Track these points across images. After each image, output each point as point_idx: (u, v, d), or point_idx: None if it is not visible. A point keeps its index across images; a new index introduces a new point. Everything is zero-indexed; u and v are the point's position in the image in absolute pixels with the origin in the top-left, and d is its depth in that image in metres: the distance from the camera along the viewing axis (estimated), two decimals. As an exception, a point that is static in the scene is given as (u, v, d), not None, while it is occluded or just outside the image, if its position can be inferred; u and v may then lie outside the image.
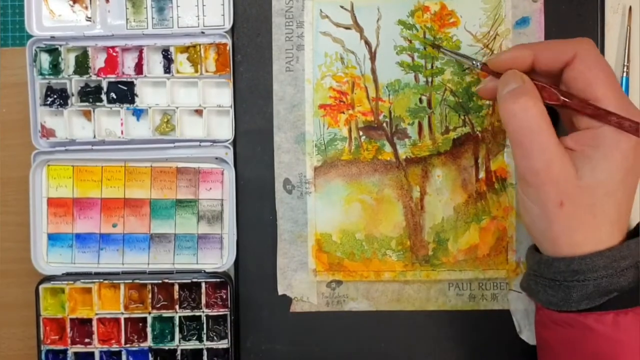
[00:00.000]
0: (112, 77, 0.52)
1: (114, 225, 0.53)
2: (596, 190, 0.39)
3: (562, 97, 0.41)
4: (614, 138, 0.39)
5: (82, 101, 0.52)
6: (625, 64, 0.52)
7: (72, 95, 0.52)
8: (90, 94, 0.52)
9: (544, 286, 0.42)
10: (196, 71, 0.52)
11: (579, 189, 0.39)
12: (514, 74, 0.42)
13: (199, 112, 0.52)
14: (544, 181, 0.40)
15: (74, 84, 0.51)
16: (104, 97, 0.52)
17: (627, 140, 0.39)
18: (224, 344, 0.52)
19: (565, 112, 0.43)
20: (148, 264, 0.53)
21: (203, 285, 0.52)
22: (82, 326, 0.52)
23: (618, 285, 0.39)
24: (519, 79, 0.42)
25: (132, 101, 0.52)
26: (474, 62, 0.47)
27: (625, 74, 0.52)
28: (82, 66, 0.52)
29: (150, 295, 0.52)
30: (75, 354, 0.52)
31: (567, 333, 0.41)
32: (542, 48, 0.43)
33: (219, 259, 0.53)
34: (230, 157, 0.52)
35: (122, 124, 0.52)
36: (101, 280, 0.52)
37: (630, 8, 0.52)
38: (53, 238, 0.53)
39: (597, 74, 0.40)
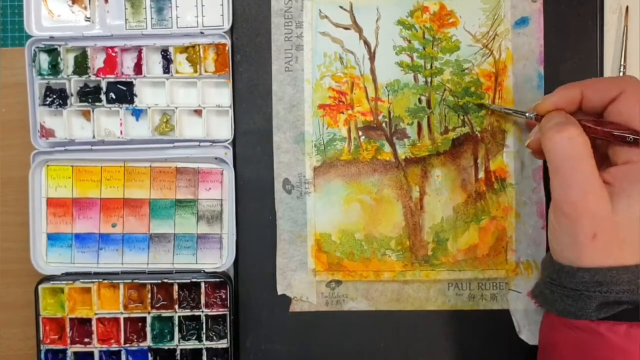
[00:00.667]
0: (111, 77, 0.52)
1: (114, 225, 0.53)
2: (630, 226, 0.40)
3: (599, 128, 0.41)
4: None
5: (81, 101, 0.52)
6: (622, 63, 0.52)
7: (71, 95, 0.52)
8: (89, 94, 0.52)
9: (561, 295, 0.42)
10: (195, 71, 0.52)
11: (613, 224, 0.39)
12: (558, 112, 0.43)
13: (198, 112, 0.52)
14: (580, 213, 0.40)
15: (73, 84, 0.52)
16: (103, 97, 0.52)
17: None
18: (223, 343, 0.52)
19: (602, 147, 0.43)
20: (147, 263, 0.53)
21: (202, 285, 0.52)
22: (82, 326, 0.52)
23: (636, 300, 0.40)
24: (563, 115, 0.42)
25: (132, 101, 0.52)
26: (528, 115, 0.47)
27: (622, 74, 0.52)
28: (81, 66, 0.52)
29: (149, 295, 0.52)
30: (75, 353, 0.52)
31: (578, 338, 0.41)
32: (589, 86, 0.43)
33: (219, 258, 0.53)
34: (229, 157, 0.52)
35: (121, 124, 0.52)
36: (100, 280, 0.52)
37: (627, 8, 0.52)
38: (52, 238, 0.53)
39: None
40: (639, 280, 0.39)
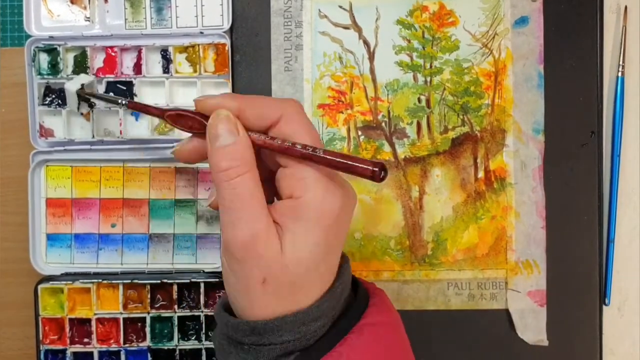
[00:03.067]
0: (110, 77, 0.52)
1: (113, 226, 0.53)
2: (297, 268, 0.35)
3: (270, 138, 0.37)
4: (316, 210, 0.36)
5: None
6: (621, 63, 0.52)
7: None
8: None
9: (236, 348, 0.37)
10: (195, 71, 0.52)
11: (282, 267, 0.35)
12: (228, 120, 0.37)
13: (197, 112, 0.52)
14: (249, 256, 0.35)
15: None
16: (102, 97, 0.52)
17: (330, 212, 0.36)
18: (223, 343, 0.52)
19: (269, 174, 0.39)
20: (147, 264, 0.53)
21: (202, 285, 0.52)
22: (81, 326, 0.52)
23: (308, 346, 0.36)
24: (234, 130, 0.37)
25: (131, 101, 0.52)
26: (120, 102, 0.44)
27: (620, 74, 0.52)
28: (80, 66, 0.52)
29: (149, 295, 0.52)
30: (74, 353, 0.52)
31: None
32: (248, 104, 0.38)
33: (218, 259, 0.53)
34: (229, 157, 0.52)
35: (120, 124, 0.52)
36: (100, 280, 0.52)
37: (625, 8, 0.52)
38: (52, 238, 0.53)
39: (301, 131, 0.37)
40: (303, 328, 0.36)
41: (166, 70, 0.52)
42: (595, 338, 0.52)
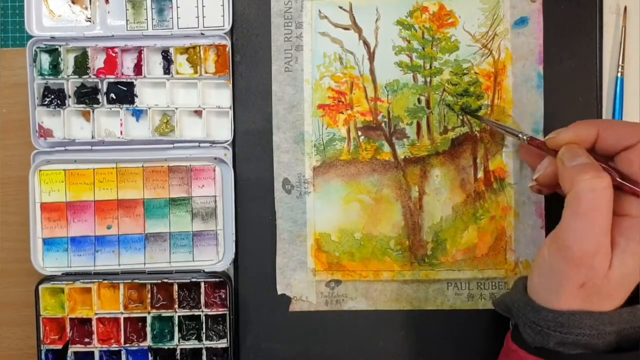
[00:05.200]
0: (111, 78, 0.52)
1: (109, 227, 0.53)
2: (618, 282, 0.39)
3: (618, 179, 0.40)
4: None
5: (79, 102, 0.52)
6: (620, 64, 0.52)
7: (69, 96, 0.52)
8: (87, 95, 0.52)
9: (524, 324, 0.42)
10: (196, 72, 0.52)
11: (604, 279, 0.39)
12: (578, 148, 0.41)
13: (198, 112, 0.52)
14: (583, 264, 0.39)
15: (71, 84, 0.52)
16: (100, 97, 0.52)
17: None
18: (223, 343, 0.52)
19: None
20: (144, 264, 0.53)
21: (202, 284, 0.52)
22: (82, 326, 0.53)
23: (595, 346, 0.40)
24: (585, 154, 0.40)
25: (132, 102, 0.52)
26: (521, 137, 0.46)
27: (620, 74, 0.52)
28: (81, 67, 0.52)
29: (149, 295, 0.52)
30: (75, 353, 0.52)
31: None
32: (607, 127, 0.41)
33: (215, 255, 0.53)
34: (229, 158, 0.52)
35: (121, 125, 0.52)
36: (100, 280, 0.52)
37: (625, 8, 0.52)
38: (48, 243, 0.53)
39: None
40: (601, 327, 0.39)
41: (167, 71, 0.52)
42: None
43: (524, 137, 0.46)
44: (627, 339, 0.40)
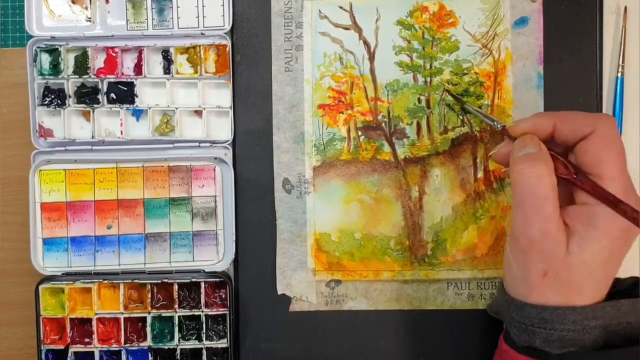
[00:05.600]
0: (111, 78, 0.52)
1: (109, 227, 0.53)
2: (579, 269, 0.40)
3: (574, 175, 0.41)
4: (608, 220, 0.39)
5: (79, 102, 0.52)
6: (621, 64, 0.52)
7: (69, 96, 0.52)
8: (87, 95, 0.52)
9: (510, 324, 0.43)
10: (196, 72, 0.52)
11: (565, 265, 0.40)
12: (532, 138, 0.42)
13: (198, 112, 0.52)
14: (535, 250, 0.40)
15: (71, 84, 0.52)
16: (101, 97, 0.52)
17: (620, 225, 0.39)
18: (223, 343, 0.52)
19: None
20: (144, 264, 0.53)
21: (202, 284, 0.52)
22: (82, 326, 0.53)
23: (581, 342, 0.40)
24: (537, 145, 0.42)
25: (132, 101, 0.52)
26: (495, 124, 0.47)
27: (620, 74, 0.52)
28: (81, 66, 0.52)
29: (149, 295, 0.52)
30: (75, 353, 0.52)
31: None
32: (563, 118, 0.42)
33: (215, 255, 0.53)
34: (229, 158, 0.52)
35: (121, 124, 0.52)
36: (101, 280, 0.52)
37: (625, 8, 0.52)
38: (48, 243, 0.53)
39: (610, 155, 0.40)
40: (585, 322, 0.39)
41: (167, 71, 0.52)
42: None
43: (498, 126, 0.47)
44: (614, 335, 0.40)
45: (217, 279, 0.52)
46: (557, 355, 0.40)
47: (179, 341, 0.52)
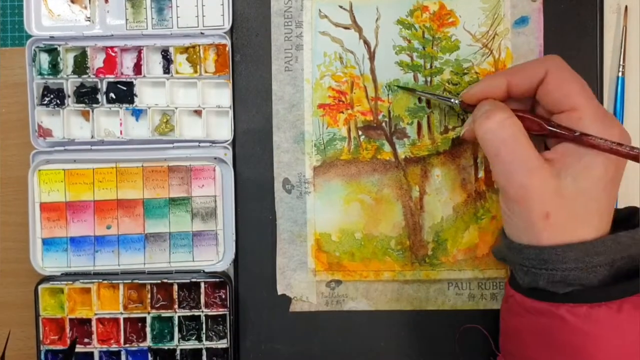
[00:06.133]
0: (111, 77, 0.52)
1: (108, 227, 0.53)
2: (578, 199, 0.39)
3: (547, 127, 0.41)
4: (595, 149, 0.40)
5: (78, 101, 0.52)
6: (621, 63, 0.52)
7: (69, 96, 0.52)
8: (86, 95, 0.52)
9: (514, 267, 0.43)
10: (195, 72, 0.52)
11: (563, 200, 0.39)
12: (486, 101, 0.43)
13: (198, 112, 0.52)
14: (529, 194, 0.40)
15: (70, 84, 0.51)
16: (100, 97, 0.52)
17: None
18: (223, 343, 0.52)
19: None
20: (144, 264, 0.53)
21: (202, 285, 0.52)
22: (82, 326, 0.52)
23: (587, 281, 0.39)
24: (491, 102, 0.42)
25: (132, 101, 0.52)
26: (453, 101, 0.47)
27: (621, 74, 0.52)
28: (80, 66, 0.52)
29: (149, 295, 0.52)
30: (75, 353, 0.52)
31: (538, 322, 0.41)
32: (513, 72, 0.43)
33: (215, 255, 0.53)
34: (229, 158, 0.52)
35: (121, 124, 0.52)
36: (100, 280, 0.52)
37: (626, 8, 0.52)
38: (48, 243, 0.53)
39: (571, 86, 0.41)
40: (586, 259, 0.39)
41: (167, 70, 0.52)
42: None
43: (456, 102, 0.47)
44: (620, 271, 0.40)
45: (217, 279, 0.52)
46: (562, 294, 0.40)
47: (178, 341, 0.52)
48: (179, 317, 0.52)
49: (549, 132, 0.42)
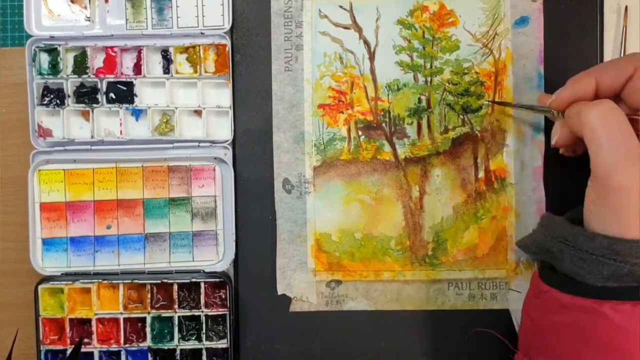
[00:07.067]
0: (110, 77, 0.52)
1: (108, 227, 0.53)
2: None
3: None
4: None
5: (78, 101, 0.52)
6: (621, 63, 0.52)
7: (69, 96, 0.52)
8: (86, 95, 0.52)
9: (572, 256, 0.41)
10: (195, 72, 0.52)
11: None
12: (578, 103, 0.42)
13: (198, 112, 0.52)
14: (631, 185, 0.38)
15: (70, 84, 0.51)
16: (100, 97, 0.52)
17: None
18: (223, 343, 0.52)
19: None
20: (144, 264, 0.53)
21: (202, 285, 0.52)
22: (82, 326, 0.52)
23: None
24: (585, 102, 0.42)
25: (132, 101, 0.52)
26: (553, 113, 0.45)
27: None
28: (80, 66, 0.52)
29: (149, 295, 0.52)
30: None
31: (578, 319, 0.40)
32: (602, 70, 0.42)
33: (215, 255, 0.53)
34: (229, 158, 0.52)
35: (121, 124, 0.52)
36: (100, 280, 0.52)
37: (626, 8, 0.52)
38: (48, 243, 0.53)
39: None
40: None
41: (167, 70, 0.52)
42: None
43: (556, 113, 0.45)
44: None
45: (217, 279, 0.52)
46: (604, 291, 0.39)
47: (178, 341, 0.52)
48: (179, 317, 0.52)
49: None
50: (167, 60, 0.52)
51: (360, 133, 0.52)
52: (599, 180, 0.40)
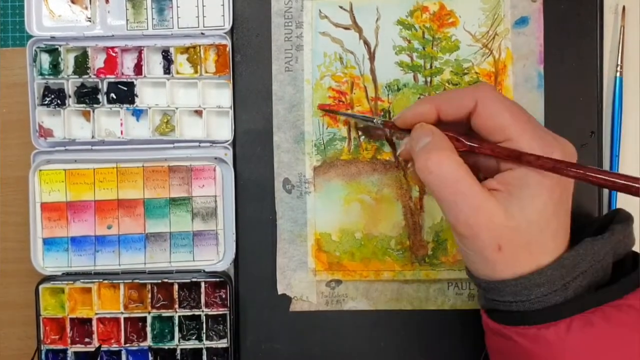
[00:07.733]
0: (111, 78, 0.52)
1: (109, 227, 0.53)
2: (529, 229, 0.38)
3: (468, 143, 0.40)
4: (538, 175, 0.38)
5: (79, 102, 0.52)
6: (619, 64, 0.52)
7: (69, 96, 0.52)
8: (87, 95, 0.52)
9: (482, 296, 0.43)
10: (196, 72, 0.52)
11: (512, 230, 0.38)
12: (422, 127, 0.42)
13: (198, 112, 0.52)
14: (476, 230, 0.38)
15: (71, 84, 0.52)
16: (101, 97, 0.52)
17: (551, 175, 0.38)
18: (223, 343, 0.52)
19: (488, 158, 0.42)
20: (144, 263, 0.53)
21: (202, 284, 0.52)
22: (82, 326, 0.53)
23: (533, 307, 0.39)
24: (429, 132, 0.41)
25: (132, 101, 0.52)
26: (375, 122, 0.47)
27: (619, 74, 0.52)
28: (81, 66, 0.52)
29: (149, 295, 0.52)
30: (75, 353, 0.52)
31: (498, 341, 0.41)
32: (443, 100, 0.42)
33: (215, 255, 0.53)
34: (229, 158, 0.52)
35: (121, 124, 0.52)
36: (101, 280, 0.52)
37: (623, 8, 0.52)
38: (48, 243, 0.53)
39: (502, 117, 0.39)
40: (524, 292, 0.38)
41: (167, 71, 0.52)
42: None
43: (379, 122, 0.47)
44: (578, 289, 0.39)
45: (217, 279, 0.52)
46: (514, 316, 0.39)
47: (179, 341, 0.52)
48: (179, 316, 0.52)
49: (473, 150, 0.40)
50: (167, 60, 0.52)
51: (360, 133, 0.52)
52: (451, 229, 0.41)
